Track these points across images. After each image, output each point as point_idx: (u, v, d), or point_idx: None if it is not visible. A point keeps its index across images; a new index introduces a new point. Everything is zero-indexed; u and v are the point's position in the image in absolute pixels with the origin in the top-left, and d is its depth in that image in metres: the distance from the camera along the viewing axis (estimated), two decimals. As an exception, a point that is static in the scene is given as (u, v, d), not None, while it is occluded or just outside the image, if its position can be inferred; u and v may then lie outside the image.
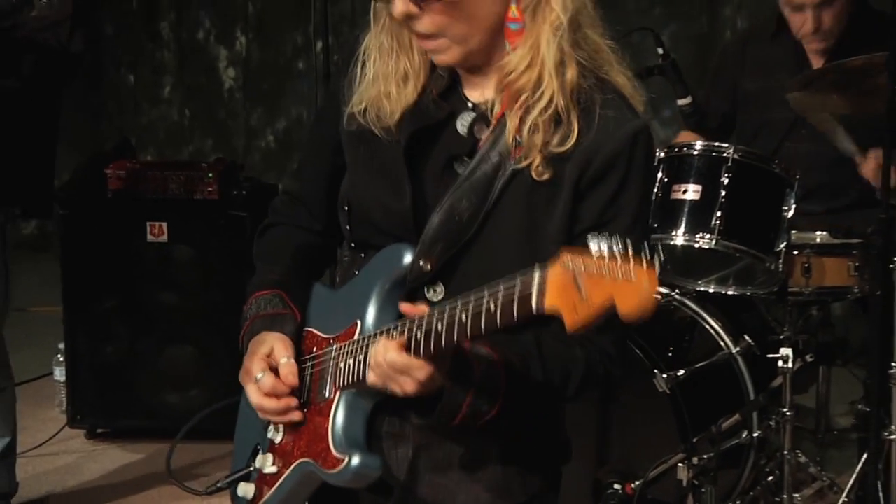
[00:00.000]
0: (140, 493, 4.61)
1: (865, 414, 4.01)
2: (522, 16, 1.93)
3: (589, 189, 1.94)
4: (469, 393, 1.85)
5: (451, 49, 1.94)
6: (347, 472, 1.95)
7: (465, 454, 2.02)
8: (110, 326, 4.99)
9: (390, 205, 2.03)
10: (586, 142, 1.92)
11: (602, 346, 1.97)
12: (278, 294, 2.17)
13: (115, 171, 4.96)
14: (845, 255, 4.00)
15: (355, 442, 1.98)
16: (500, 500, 2.03)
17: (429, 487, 2.03)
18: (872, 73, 3.72)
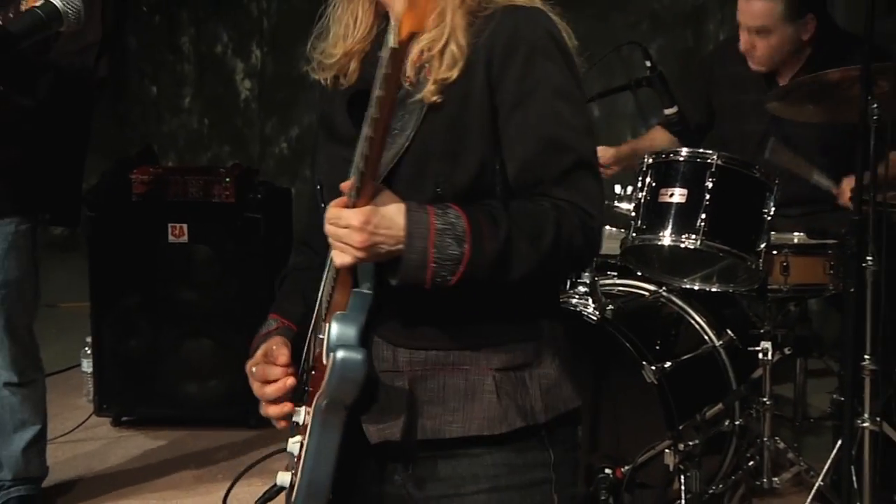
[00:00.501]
0: (162, 478, 4.61)
1: (840, 403, 3.99)
2: None
3: (500, 70, 1.90)
4: (430, 235, 1.79)
5: None
6: (335, 371, 1.86)
7: (459, 387, 1.97)
8: (134, 321, 5.00)
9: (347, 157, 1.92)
10: (483, 41, 1.90)
11: (568, 198, 1.88)
12: (275, 315, 2.18)
13: (139, 176, 4.97)
14: (821, 254, 4.01)
15: (344, 339, 1.89)
16: (493, 427, 1.96)
17: (427, 418, 1.97)
18: (845, 86, 3.72)
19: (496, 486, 1.99)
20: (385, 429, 1.97)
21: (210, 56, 7.49)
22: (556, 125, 1.90)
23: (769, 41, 4.29)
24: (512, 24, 1.91)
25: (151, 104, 7.69)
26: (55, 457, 4.44)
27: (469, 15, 1.91)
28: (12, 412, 4.14)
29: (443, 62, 1.89)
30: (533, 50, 1.90)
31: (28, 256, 3.95)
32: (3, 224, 3.87)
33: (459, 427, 1.96)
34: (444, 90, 1.89)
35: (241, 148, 7.45)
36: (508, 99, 1.91)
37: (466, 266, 1.80)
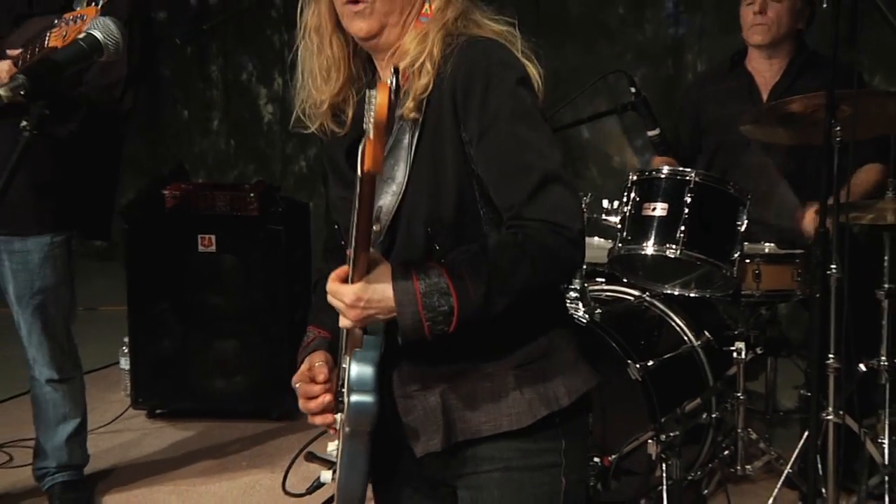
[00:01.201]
0: (191, 465, 4.61)
1: (806, 398, 4.00)
2: (432, 12, 1.97)
3: (464, 106, 1.90)
4: (417, 301, 1.80)
5: (372, 16, 1.94)
6: (350, 412, 1.92)
7: (486, 390, 1.98)
8: (167, 323, 5.00)
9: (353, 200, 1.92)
10: (447, 73, 1.90)
11: (538, 216, 1.85)
12: (313, 328, 2.16)
13: (172, 191, 4.97)
14: (790, 263, 4.01)
15: (360, 385, 1.92)
16: (521, 421, 1.98)
17: (462, 422, 1.99)
18: (811, 112, 3.72)
19: (509, 466, 2.01)
20: (427, 442, 1.99)
21: (236, 83, 7.50)
22: (518, 148, 1.89)
23: (776, 9, 4.29)
24: (469, 59, 1.90)
25: (183, 127, 7.70)
26: (95, 446, 4.43)
27: (446, 39, 1.93)
28: (55, 406, 4.14)
29: (418, 78, 1.91)
30: (488, 82, 1.89)
31: (63, 266, 3.95)
32: (39, 238, 3.87)
33: (491, 426, 1.99)
34: (420, 106, 1.90)
35: (264, 166, 7.45)
36: (474, 132, 1.90)
37: (459, 315, 1.82)
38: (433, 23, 1.95)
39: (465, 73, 1.89)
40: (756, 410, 4.50)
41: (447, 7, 1.96)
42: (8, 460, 4.60)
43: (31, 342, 4.03)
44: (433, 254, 1.89)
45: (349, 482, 2.06)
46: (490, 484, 2.02)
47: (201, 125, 7.66)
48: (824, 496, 3.88)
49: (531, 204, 1.86)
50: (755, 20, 4.34)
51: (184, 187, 5.01)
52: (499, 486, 2.02)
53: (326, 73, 2.03)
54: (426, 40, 1.92)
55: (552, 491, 2.04)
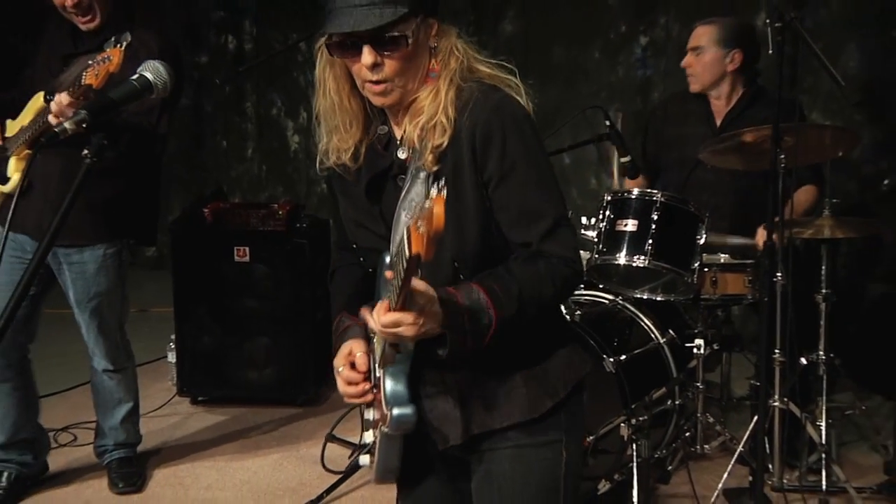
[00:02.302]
0: (228, 444, 4.61)
1: (756, 387, 4.00)
2: (439, 65, 1.95)
3: (483, 157, 1.91)
4: (463, 315, 1.82)
5: (394, 92, 1.93)
6: (392, 421, 1.94)
7: (497, 388, 2.00)
8: (207, 323, 4.99)
9: (374, 229, 2.03)
10: (466, 123, 1.90)
11: (556, 252, 1.92)
12: (345, 314, 2.13)
13: (212, 210, 4.97)
14: (742, 271, 4.01)
15: (396, 399, 1.95)
16: (530, 413, 2.00)
17: (478, 416, 2.00)
18: (759, 142, 3.73)
19: (518, 444, 2.03)
20: (447, 437, 2.01)
21: (267, 117, 7.51)
22: (532, 194, 1.93)
23: (702, 58, 4.31)
24: (487, 113, 1.90)
25: (222, 154, 7.70)
26: (147, 427, 4.44)
27: (456, 89, 1.93)
28: (111, 393, 4.15)
29: (435, 132, 1.90)
30: (505, 135, 1.90)
31: (115, 274, 3.95)
32: (94, 249, 3.87)
33: (504, 419, 2.01)
34: (439, 158, 1.90)
35: (290, 188, 7.46)
36: (493, 176, 1.91)
37: (496, 329, 1.85)
38: (442, 79, 1.93)
39: (483, 126, 1.89)
40: (713, 398, 4.51)
41: (451, 59, 1.95)
42: (73, 440, 4.60)
43: (89, 338, 4.04)
44: (457, 282, 1.90)
45: (388, 465, 2.11)
46: (502, 459, 2.04)
47: (237, 153, 7.67)
48: (771, 471, 3.89)
49: (548, 242, 1.91)
50: (687, 72, 4.39)
51: (222, 206, 5.02)
52: (509, 459, 2.04)
53: (348, 125, 2.02)
54: (438, 96, 1.91)
55: (555, 462, 2.07)
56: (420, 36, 1.90)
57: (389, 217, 1.98)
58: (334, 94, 2.00)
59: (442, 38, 1.95)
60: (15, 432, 4.03)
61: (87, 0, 3.64)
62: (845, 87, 3.37)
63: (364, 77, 1.91)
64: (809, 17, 5.28)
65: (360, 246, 2.11)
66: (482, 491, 2.07)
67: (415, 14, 1.87)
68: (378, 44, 1.86)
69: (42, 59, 3.86)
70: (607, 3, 6.00)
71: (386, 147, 2.01)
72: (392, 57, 1.88)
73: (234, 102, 7.60)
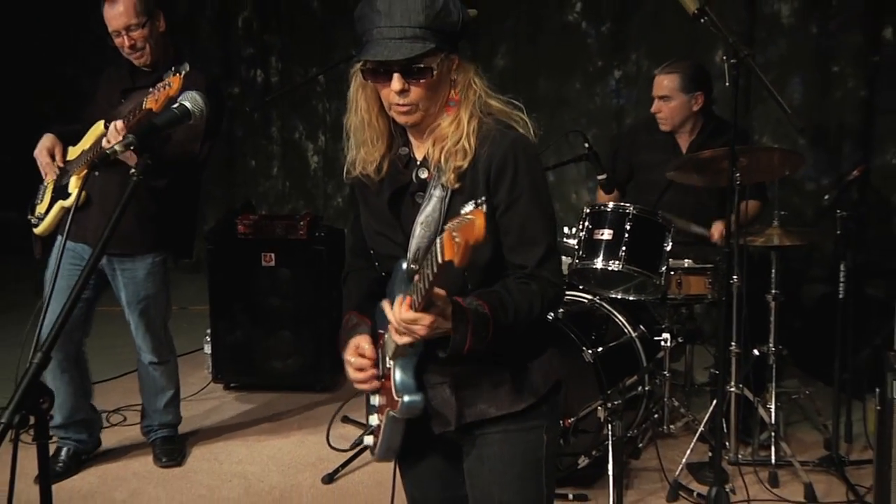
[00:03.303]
0: (257, 425, 4.61)
1: (715, 375, 4.00)
2: (458, 97, 1.96)
3: (495, 185, 1.92)
4: (468, 323, 1.84)
5: (416, 113, 1.93)
6: (402, 407, 1.96)
7: (489, 383, 2.01)
8: (239, 319, 4.99)
9: (392, 238, 2.03)
10: (484, 153, 1.92)
11: (545, 277, 1.94)
12: (355, 313, 2.15)
13: (242, 221, 4.97)
14: (703, 274, 4.02)
15: (406, 387, 1.97)
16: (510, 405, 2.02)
17: (470, 407, 2.02)
18: (717, 161, 3.73)
19: (505, 429, 2.04)
20: (443, 424, 2.03)
21: (290, 141, 7.51)
22: (533, 224, 1.94)
23: (670, 105, 4.31)
24: (504, 148, 1.92)
25: (251, 173, 7.70)
26: (186, 410, 4.43)
27: (475, 119, 1.94)
28: (155, 381, 4.16)
29: (458, 156, 1.91)
30: (517, 169, 1.92)
31: (160, 279, 3.96)
32: (145, 258, 3.89)
33: (494, 410, 2.02)
34: (460, 178, 1.92)
35: (310, 202, 7.45)
36: (502, 202, 1.93)
37: (492, 337, 1.87)
38: (462, 108, 1.94)
39: (499, 159, 1.91)
40: (678, 384, 4.50)
41: (469, 92, 1.96)
42: (122, 420, 4.60)
43: (137, 334, 4.05)
44: (464, 289, 1.91)
45: (391, 444, 2.10)
46: (492, 442, 2.05)
47: (264, 171, 7.66)
48: (727, 447, 3.90)
49: (540, 267, 1.94)
50: (658, 116, 4.38)
51: (251, 218, 5.01)
52: (498, 443, 2.05)
53: (375, 140, 2.02)
54: (461, 126, 1.92)
55: (537, 443, 2.08)
56: (443, 69, 1.91)
57: (407, 228, 1.98)
58: (364, 113, 2.01)
59: (461, 73, 1.96)
60: (72, 414, 4.04)
61: (141, 41, 3.70)
62: (791, 114, 3.36)
63: (392, 101, 1.92)
64: (760, 54, 5.29)
65: (377, 251, 2.11)
66: (474, 469, 2.08)
67: (440, 50, 1.88)
68: (406, 73, 1.87)
69: (102, 93, 3.90)
70: (586, 42, 6.00)
71: (406, 165, 2.02)
72: (418, 85, 1.89)
73: (262, 128, 7.60)
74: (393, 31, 1.84)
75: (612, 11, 5.90)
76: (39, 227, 3.80)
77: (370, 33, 1.87)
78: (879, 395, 2.99)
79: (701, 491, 3.67)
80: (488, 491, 2.06)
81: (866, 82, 5.13)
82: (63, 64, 7.91)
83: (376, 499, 2.42)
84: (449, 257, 1.55)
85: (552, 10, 6.07)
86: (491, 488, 2.05)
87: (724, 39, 3.29)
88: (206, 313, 5.11)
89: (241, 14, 7.45)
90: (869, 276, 5.03)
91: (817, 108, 5.27)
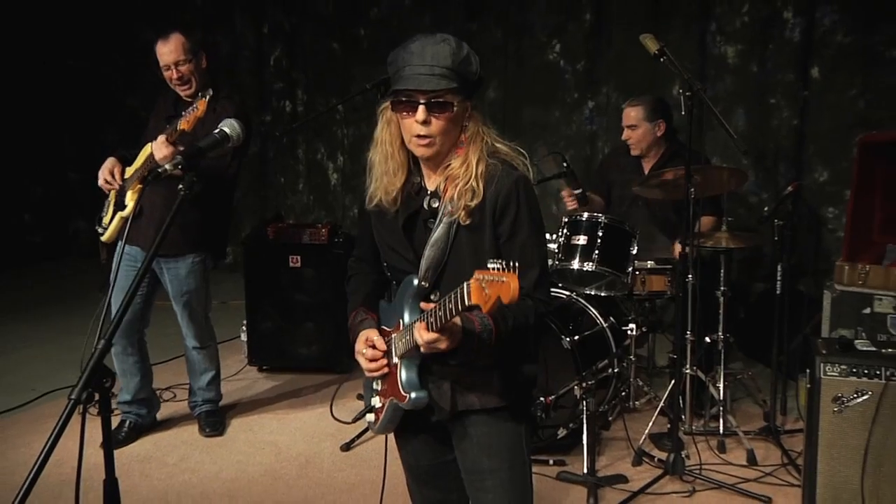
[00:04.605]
0: (286, 401, 4.60)
1: (673, 359, 4.00)
2: (466, 139, 1.96)
3: (500, 217, 1.93)
4: (476, 338, 1.85)
5: (433, 147, 1.92)
6: (410, 401, 1.97)
7: (480, 381, 2.01)
8: (270, 312, 4.97)
9: (405, 256, 2.02)
10: (492, 190, 1.92)
11: (539, 296, 1.95)
12: (363, 309, 2.14)
13: (273, 228, 4.97)
14: (663, 273, 4.03)
15: (412, 385, 1.98)
16: (498, 401, 2.03)
17: (462, 398, 2.02)
18: (676, 179, 3.73)
19: (491, 414, 2.05)
20: (440, 413, 2.03)
21: (314, 161, 7.49)
22: (529, 252, 1.95)
23: (637, 132, 4.32)
24: (508, 187, 1.92)
25: (280, 188, 7.69)
26: (226, 388, 4.43)
27: (483, 162, 1.93)
28: (199, 363, 4.16)
29: (467, 194, 1.91)
30: (519, 206, 1.92)
31: (200, 276, 3.95)
32: (186, 258, 3.88)
33: (483, 402, 2.03)
34: (469, 214, 1.92)
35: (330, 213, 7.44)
36: (504, 233, 1.94)
37: (493, 346, 1.88)
38: (471, 152, 1.94)
39: (504, 196, 1.92)
40: (642, 367, 4.51)
41: (478, 138, 1.95)
42: (173, 396, 4.59)
43: (182, 324, 4.05)
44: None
45: (390, 424, 2.11)
46: (480, 424, 2.05)
47: (291, 187, 7.65)
48: (683, 420, 3.90)
49: (536, 288, 1.94)
50: (629, 143, 4.40)
51: (280, 226, 5.01)
52: (485, 424, 2.05)
53: (396, 172, 2.01)
54: (470, 168, 1.92)
55: (517, 424, 2.08)
56: (460, 109, 1.91)
57: (419, 248, 1.99)
58: (388, 146, 2.00)
59: (472, 120, 1.96)
60: (136, 392, 4.05)
61: (187, 75, 3.75)
62: (737, 139, 3.37)
63: (413, 132, 1.91)
64: (710, 89, 5.30)
65: (389, 264, 2.10)
66: (464, 445, 2.08)
67: (460, 92, 1.89)
68: (430, 106, 1.88)
69: (153, 122, 3.93)
70: (564, 77, 6.00)
71: (417, 193, 2.02)
72: (439, 118, 1.89)
73: (290, 150, 7.59)
74: (423, 68, 1.85)
75: (585, 52, 5.91)
76: (104, 235, 3.83)
77: (403, 70, 1.87)
78: (809, 375, 3.00)
79: (661, 457, 3.67)
80: (478, 461, 2.06)
81: (798, 113, 5.15)
82: (126, 97, 7.92)
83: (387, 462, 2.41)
84: (476, 302, 1.60)
85: (535, 51, 6.08)
86: (480, 459, 2.05)
87: (680, 76, 3.30)
88: (242, 307, 5.10)
89: (273, 54, 7.45)
90: (801, 275, 5.05)
91: (758, 134, 5.28)
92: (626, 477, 3.54)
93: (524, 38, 6.12)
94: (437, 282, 1.97)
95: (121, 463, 3.48)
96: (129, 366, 4.00)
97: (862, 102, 4.93)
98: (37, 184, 8.20)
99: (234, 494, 3.52)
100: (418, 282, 1.97)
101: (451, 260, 1.95)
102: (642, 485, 3.44)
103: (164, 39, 3.72)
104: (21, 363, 5.23)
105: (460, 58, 1.87)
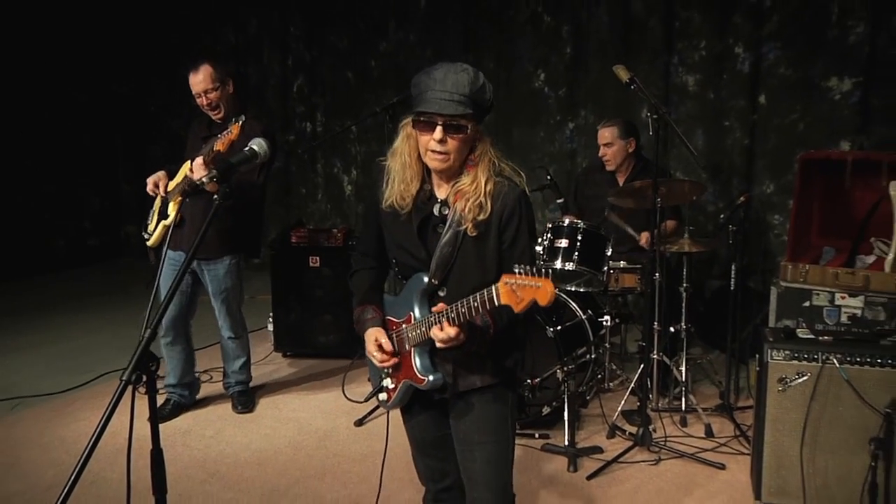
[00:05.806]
0: (307, 383, 4.60)
1: (642, 346, 4.00)
2: (476, 159, 1.95)
3: (505, 227, 1.94)
4: (479, 333, 1.89)
5: (447, 161, 1.92)
6: (427, 384, 1.98)
7: (478, 364, 2.02)
8: (292, 305, 4.97)
9: (415, 255, 2.02)
10: (497, 206, 1.93)
11: None
12: (368, 306, 2.14)
13: (296, 233, 4.97)
14: (634, 272, 4.02)
15: (427, 369, 1.99)
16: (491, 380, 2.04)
17: (463, 379, 2.03)
18: (645, 189, 3.73)
19: (484, 393, 2.06)
20: (442, 391, 2.05)
21: (331, 175, 7.49)
22: (528, 254, 1.96)
23: (612, 149, 4.32)
24: (512, 202, 1.93)
25: (302, 198, 7.68)
26: (255, 371, 4.43)
27: (491, 181, 1.93)
28: (232, 350, 4.15)
29: (476, 209, 1.91)
30: (521, 218, 1.94)
31: (235, 275, 3.94)
32: (223, 260, 3.87)
33: (479, 382, 2.04)
34: (476, 227, 1.92)
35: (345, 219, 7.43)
36: (508, 239, 1.95)
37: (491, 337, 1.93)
38: (480, 170, 1.93)
39: (508, 210, 1.93)
40: (615, 353, 4.51)
41: (484, 156, 1.95)
42: (210, 378, 4.58)
43: (220, 316, 4.04)
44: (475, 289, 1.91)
45: (402, 400, 2.12)
46: (474, 402, 2.07)
47: (311, 197, 7.64)
48: (651, 399, 3.89)
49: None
50: (604, 159, 4.39)
51: (301, 231, 5.00)
52: (478, 402, 2.07)
53: (412, 179, 2.00)
54: (479, 186, 1.92)
55: (506, 398, 2.10)
56: (473, 132, 1.92)
57: (430, 249, 1.99)
58: (406, 157, 1.99)
59: (480, 142, 1.96)
60: (182, 375, 4.05)
61: (215, 101, 3.73)
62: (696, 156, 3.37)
63: (430, 147, 1.91)
64: (674, 112, 5.31)
65: (399, 260, 2.09)
66: (459, 420, 2.09)
67: (473, 117, 1.89)
68: (447, 127, 1.88)
69: (190, 142, 3.92)
70: (548, 102, 6.01)
71: (428, 199, 2.02)
72: (454, 138, 1.89)
73: (310, 165, 7.59)
74: (444, 93, 1.84)
75: (566, 80, 5.92)
76: (150, 240, 3.83)
77: (425, 94, 1.87)
78: (758, 359, 3.01)
79: (631, 431, 3.67)
80: (470, 434, 2.07)
81: (748, 133, 5.17)
82: (171, 119, 7.93)
83: (392, 436, 2.42)
84: (507, 303, 1.63)
85: (523, 80, 6.09)
86: (471, 433, 2.07)
87: (648, 101, 3.30)
88: (269, 301, 5.09)
89: (296, 82, 7.46)
90: (751, 273, 5.06)
91: (714, 152, 5.29)
92: (601, 448, 3.54)
93: (514, 68, 6.12)
94: (445, 280, 1.98)
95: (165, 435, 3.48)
96: (176, 353, 4.00)
97: (802, 125, 4.96)
98: (94, 195, 8.37)
99: (262, 462, 3.53)
100: (428, 279, 1.97)
101: (457, 261, 1.96)
102: (615, 454, 3.45)
103: (194, 70, 3.70)
104: (82, 349, 5.24)
105: (477, 86, 1.87)
